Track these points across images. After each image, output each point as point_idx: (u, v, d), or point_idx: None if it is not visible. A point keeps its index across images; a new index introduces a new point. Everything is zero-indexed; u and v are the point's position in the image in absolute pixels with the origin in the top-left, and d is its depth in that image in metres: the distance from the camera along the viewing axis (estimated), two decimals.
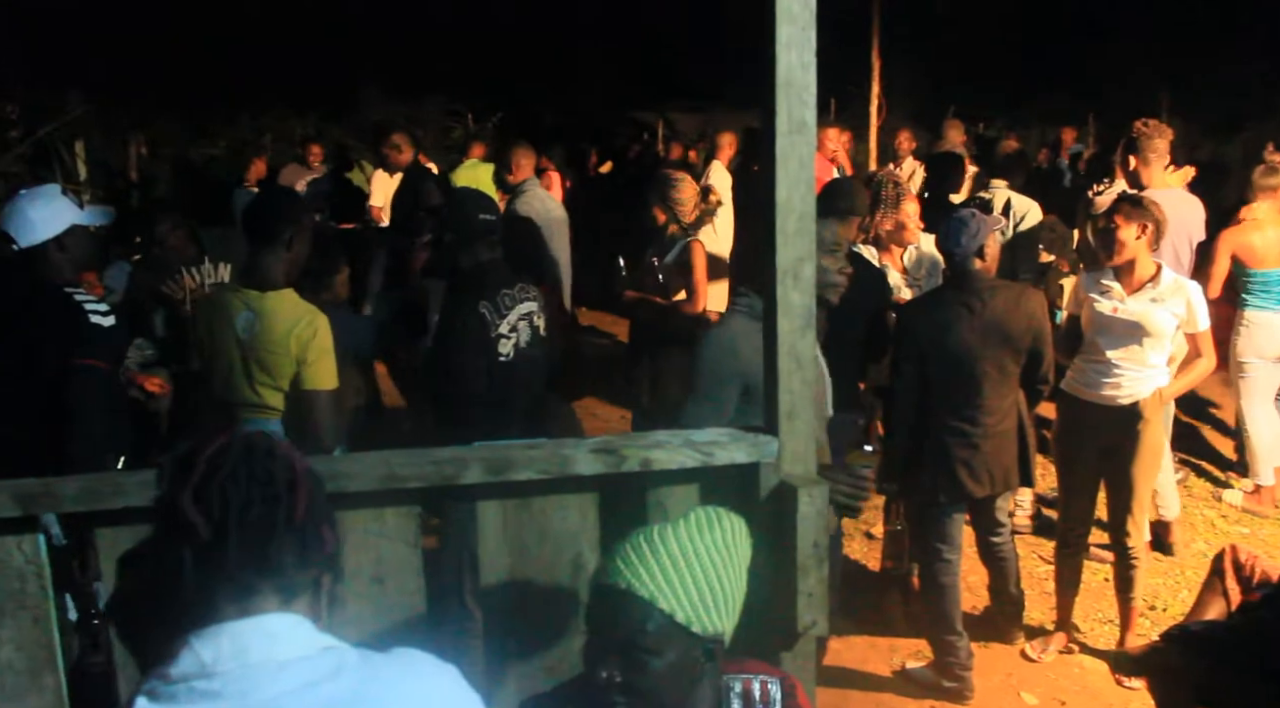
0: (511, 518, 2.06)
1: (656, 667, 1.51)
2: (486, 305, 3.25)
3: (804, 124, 1.97)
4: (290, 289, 3.24)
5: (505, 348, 3.26)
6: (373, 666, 1.19)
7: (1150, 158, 4.90)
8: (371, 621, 2.05)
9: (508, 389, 3.26)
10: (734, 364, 2.58)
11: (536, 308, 3.37)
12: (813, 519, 1.94)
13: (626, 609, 1.51)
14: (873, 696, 3.77)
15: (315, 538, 1.20)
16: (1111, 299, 3.81)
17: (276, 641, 1.15)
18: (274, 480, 1.17)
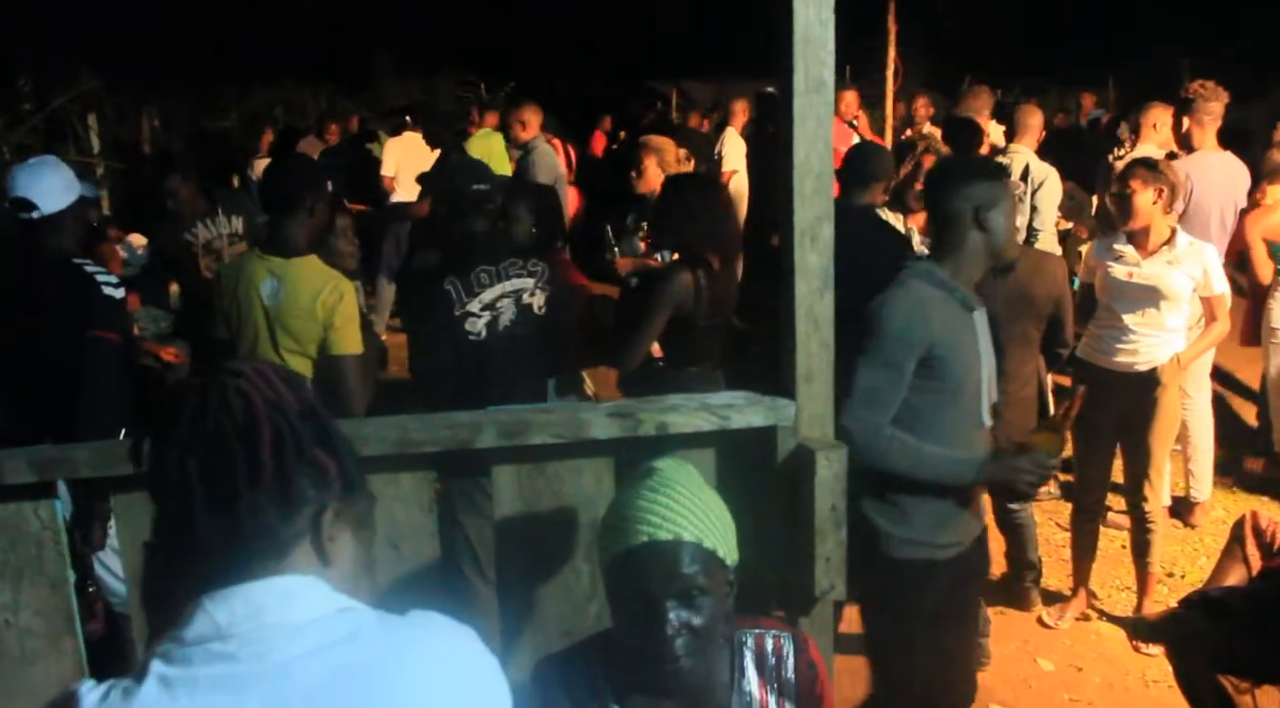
0: (526, 483, 2.05)
1: (710, 606, 1.56)
2: (453, 282, 3.08)
3: (822, 83, 1.93)
4: (314, 255, 3.25)
5: (475, 327, 3.08)
6: (390, 628, 1.17)
7: (1205, 120, 4.83)
8: (386, 585, 2.05)
9: (481, 370, 3.08)
10: (921, 330, 2.42)
11: (532, 284, 3.18)
12: (830, 483, 1.92)
13: (680, 558, 1.53)
14: None
15: (300, 478, 1.12)
16: (1126, 264, 3.77)
17: (291, 602, 1.12)
18: (224, 436, 1.09)
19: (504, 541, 2.10)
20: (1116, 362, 3.80)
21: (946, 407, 2.50)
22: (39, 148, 6.84)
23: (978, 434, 2.57)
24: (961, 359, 2.49)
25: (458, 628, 1.24)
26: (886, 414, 2.43)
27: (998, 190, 2.54)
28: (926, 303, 2.47)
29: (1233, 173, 4.82)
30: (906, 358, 2.43)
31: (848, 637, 3.83)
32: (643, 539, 1.54)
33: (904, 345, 2.43)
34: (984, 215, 2.51)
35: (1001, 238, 2.54)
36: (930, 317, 2.44)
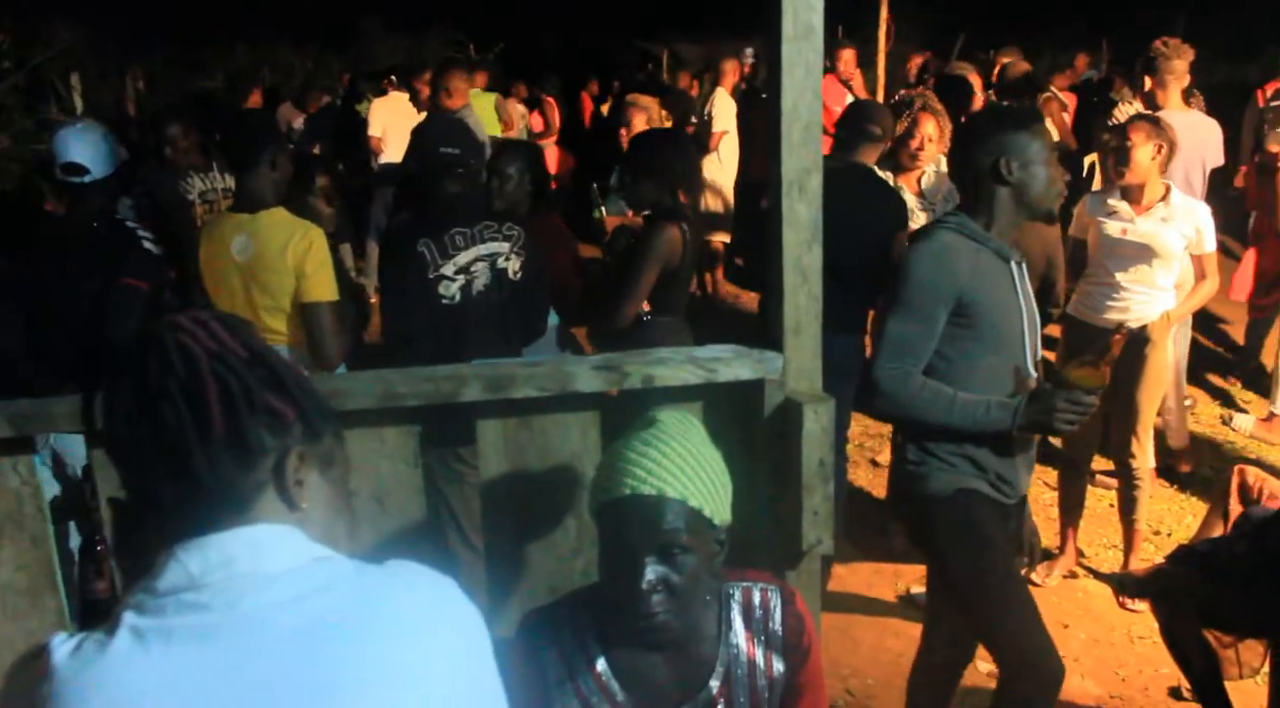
0: (512, 437, 2.03)
1: (692, 564, 1.54)
2: (427, 244, 3.02)
3: (811, 29, 1.90)
4: (281, 207, 3.24)
5: (450, 290, 3.02)
6: (367, 578, 1.14)
7: (1167, 79, 4.78)
8: (371, 542, 2.04)
9: (455, 334, 3.02)
10: (949, 278, 2.36)
11: (508, 248, 3.12)
12: (818, 436, 1.91)
13: (662, 513, 1.52)
14: (878, 620, 3.79)
15: (255, 429, 1.08)
16: (1120, 220, 3.75)
17: (264, 551, 1.10)
18: (169, 395, 1.05)
19: (490, 495, 2.08)
20: (1107, 318, 3.79)
21: (986, 354, 2.43)
22: (18, 108, 6.74)
23: (1021, 383, 2.49)
24: (998, 306, 2.43)
25: (437, 578, 1.22)
26: (918, 364, 2.38)
27: (1023, 140, 2.44)
28: (954, 250, 2.40)
29: (1200, 133, 4.76)
30: (936, 306, 2.37)
31: (838, 595, 3.88)
32: (626, 492, 1.53)
33: (932, 293, 2.37)
34: (1009, 167, 2.44)
35: (1032, 190, 2.46)
36: (958, 264, 2.39)
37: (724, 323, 6.77)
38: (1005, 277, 2.47)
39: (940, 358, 2.42)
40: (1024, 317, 2.50)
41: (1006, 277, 2.47)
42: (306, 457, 1.14)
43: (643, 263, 3.23)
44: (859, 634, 3.69)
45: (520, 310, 3.12)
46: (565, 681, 1.65)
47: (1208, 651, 2.83)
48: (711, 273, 7.36)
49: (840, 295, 3.63)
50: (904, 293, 2.41)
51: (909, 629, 3.72)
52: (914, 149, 4.24)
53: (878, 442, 5.10)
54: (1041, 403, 2.34)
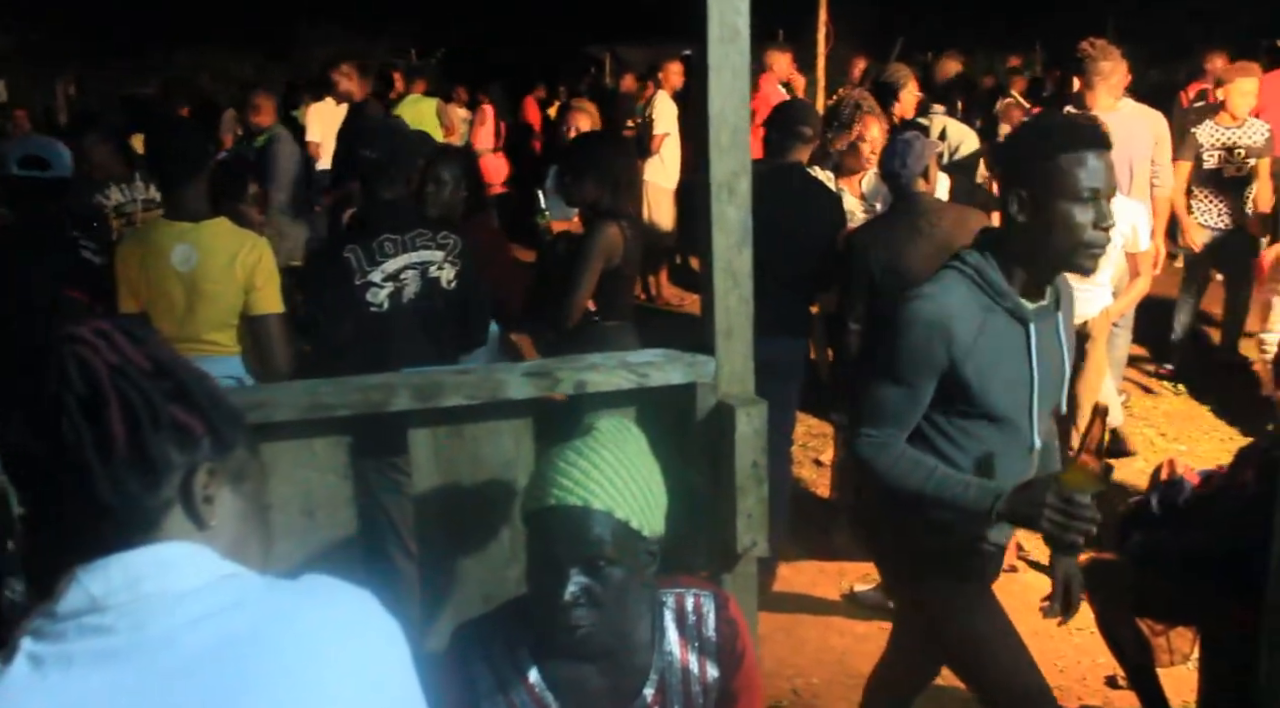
0: (444, 446, 2.01)
1: (618, 577, 1.52)
2: (354, 250, 2.96)
3: (737, 32, 1.90)
4: (224, 217, 3.19)
5: (378, 297, 2.96)
6: (279, 594, 1.11)
7: (1094, 80, 4.85)
8: (301, 556, 2.00)
9: (384, 342, 2.97)
10: (942, 350, 2.08)
11: (441, 257, 3.05)
12: (750, 439, 1.91)
13: (587, 524, 1.50)
14: (822, 619, 3.81)
15: (160, 444, 1.04)
16: None
17: (171, 570, 1.06)
18: (67, 412, 1.00)
19: (422, 506, 2.05)
20: None
21: (983, 427, 2.18)
22: None
23: (1021, 459, 2.22)
24: (997, 382, 2.12)
25: (353, 591, 1.19)
26: (899, 432, 2.16)
27: (1055, 168, 1.99)
28: (955, 316, 2.07)
29: (1131, 129, 4.85)
30: (921, 377, 2.12)
31: (782, 594, 3.90)
32: (552, 502, 1.51)
33: (921, 362, 2.10)
34: (1022, 202, 2.05)
35: (1051, 238, 2.03)
36: (956, 334, 2.07)
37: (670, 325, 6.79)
38: (1015, 343, 2.14)
39: (934, 429, 2.20)
40: (1035, 386, 2.18)
41: (1018, 343, 2.14)
42: (216, 472, 1.10)
43: (585, 261, 3.23)
44: (804, 633, 3.71)
45: (454, 320, 3.08)
46: (496, 693, 1.64)
47: (1140, 639, 2.89)
48: (655, 276, 7.37)
49: (783, 297, 3.68)
50: (891, 355, 2.16)
51: (853, 627, 3.75)
52: (866, 154, 4.28)
53: (821, 441, 5.13)
54: (1030, 496, 1.99)
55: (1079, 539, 1.97)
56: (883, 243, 3.58)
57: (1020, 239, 2.09)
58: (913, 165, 3.53)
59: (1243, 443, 3.93)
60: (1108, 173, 2.02)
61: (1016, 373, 2.15)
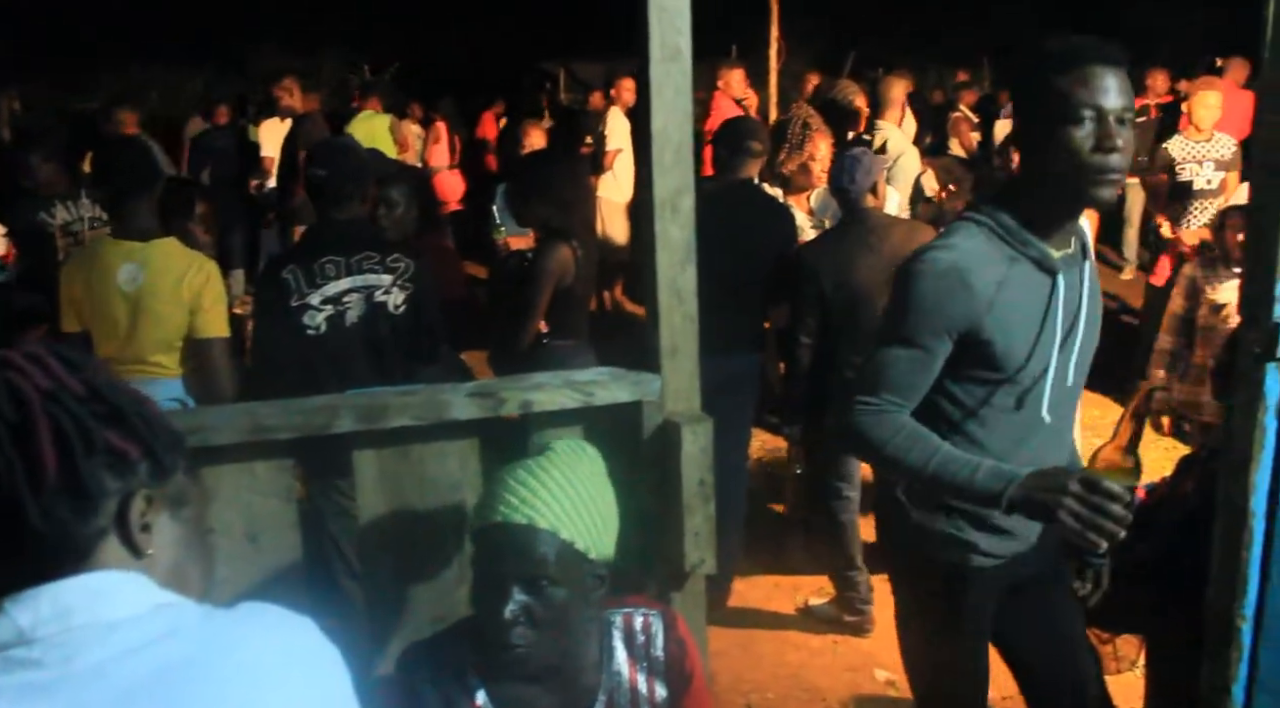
0: (389, 468, 1.99)
1: (560, 598, 1.51)
2: (293, 270, 2.92)
3: (678, 51, 1.91)
4: (173, 237, 3.16)
5: (314, 320, 2.91)
6: (215, 624, 1.09)
7: None
8: (245, 581, 1.97)
9: (323, 364, 2.92)
10: (961, 305, 1.83)
11: (389, 281, 2.99)
12: (696, 457, 1.91)
13: (530, 543, 1.49)
14: (778, 633, 3.82)
15: (95, 471, 1.02)
16: None
17: (104, 600, 1.04)
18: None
19: (368, 527, 2.03)
20: None
21: (1001, 396, 1.90)
22: None
23: (1038, 430, 1.94)
24: (1022, 340, 1.87)
25: (291, 619, 1.17)
26: (903, 402, 1.88)
27: (1061, 85, 1.77)
28: (972, 267, 1.84)
29: None
30: (937, 336, 1.85)
31: (738, 610, 3.90)
32: (497, 518, 1.51)
33: (934, 320, 1.84)
34: (1028, 125, 1.86)
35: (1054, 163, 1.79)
36: (974, 287, 1.83)
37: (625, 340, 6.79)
38: (1040, 295, 1.89)
39: (953, 404, 1.93)
40: (1054, 346, 1.90)
41: (1042, 295, 1.89)
42: (154, 498, 1.08)
43: (536, 283, 3.23)
44: (759, 649, 3.71)
45: (402, 345, 3.04)
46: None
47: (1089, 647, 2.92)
48: (611, 291, 7.38)
49: (736, 314, 3.70)
50: (898, 314, 1.90)
51: (808, 641, 3.76)
52: (817, 172, 4.31)
53: (776, 456, 5.15)
54: (1050, 481, 1.70)
55: (1102, 542, 1.65)
56: (832, 258, 3.62)
57: (1028, 181, 1.89)
58: (861, 181, 3.57)
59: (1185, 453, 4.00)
60: (1115, 91, 1.76)
61: (1040, 335, 1.89)
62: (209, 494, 1.92)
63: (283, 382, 2.78)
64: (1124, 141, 1.78)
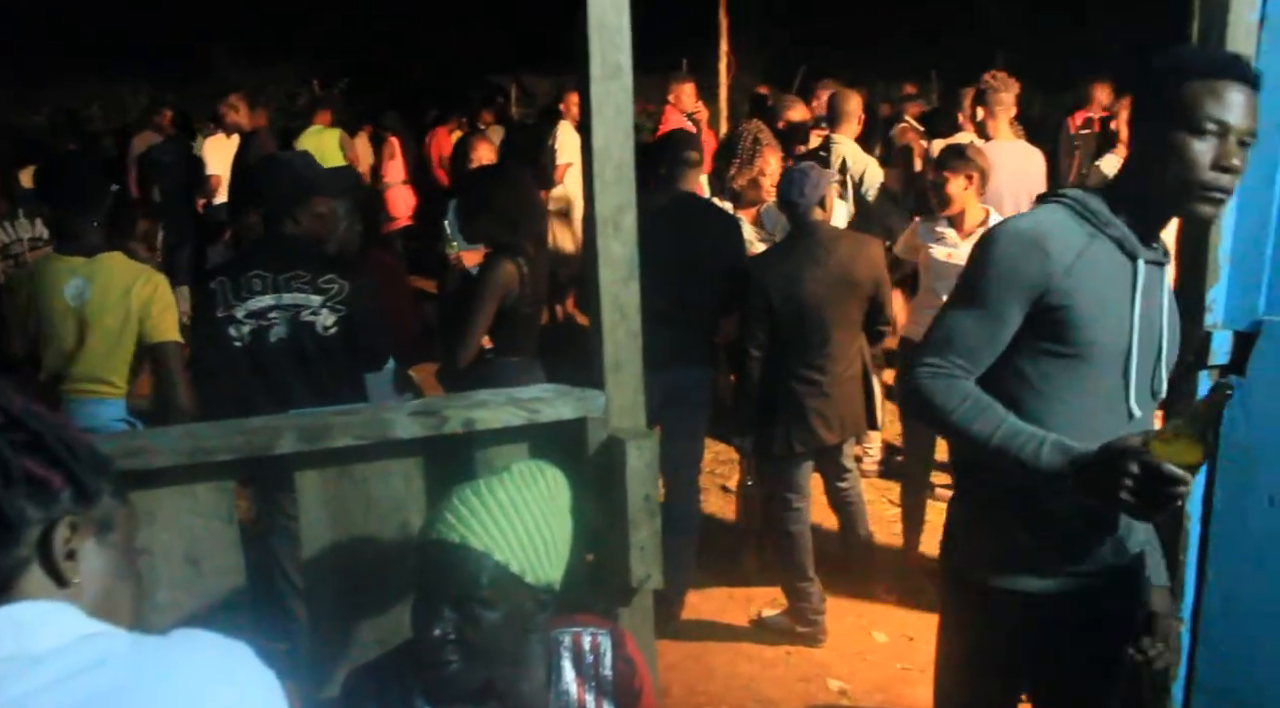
0: (332, 488, 1.97)
1: (491, 620, 1.49)
2: (221, 282, 2.92)
3: (619, 69, 1.92)
4: (119, 251, 3.14)
5: (240, 332, 2.91)
6: (144, 652, 1.07)
7: (996, 111, 5.05)
8: (188, 605, 1.94)
9: (251, 377, 2.92)
10: (1036, 267, 1.79)
11: (319, 302, 2.94)
12: (642, 472, 1.91)
13: (462, 563, 1.48)
14: (731, 646, 3.83)
15: (14, 501, 1.00)
16: (946, 245, 3.92)
17: (27, 631, 1.02)
18: None
19: (312, 549, 2.01)
20: None
21: (1076, 379, 1.84)
22: None
23: (1119, 425, 1.84)
24: (1100, 314, 1.82)
25: (226, 645, 1.16)
26: (969, 367, 1.83)
27: (1186, 95, 1.73)
28: (1052, 234, 1.82)
29: (1026, 162, 5.06)
30: (1008, 300, 1.82)
31: (691, 622, 3.91)
32: (434, 536, 1.50)
33: (1006, 283, 1.81)
34: (1154, 131, 1.78)
35: (1162, 173, 1.77)
36: (1052, 251, 1.80)
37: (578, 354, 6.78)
38: (1122, 277, 1.85)
39: (1023, 384, 1.86)
40: (1136, 334, 1.86)
41: (1125, 277, 1.85)
42: (79, 525, 1.06)
43: (478, 300, 3.22)
44: (713, 661, 3.72)
45: (334, 366, 2.99)
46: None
47: None
48: (562, 304, 7.37)
49: (687, 328, 3.72)
50: (971, 276, 1.88)
51: (762, 653, 3.77)
52: (767, 187, 4.33)
53: (728, 467, 5.17)
54: (1109, 463, 1.64)
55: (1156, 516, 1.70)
56: (781, 271, 3.64)
57: (1132, 179, 1.86)
58: (810, 195, 3.61)
59: None
60: (1244, 111, 1.73)
61: (1119, 313, 1.84)
62: (148, 518, 1.89)
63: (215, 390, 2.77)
64: (1240, 162, 1.76)
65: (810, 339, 3.64)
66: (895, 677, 3.60)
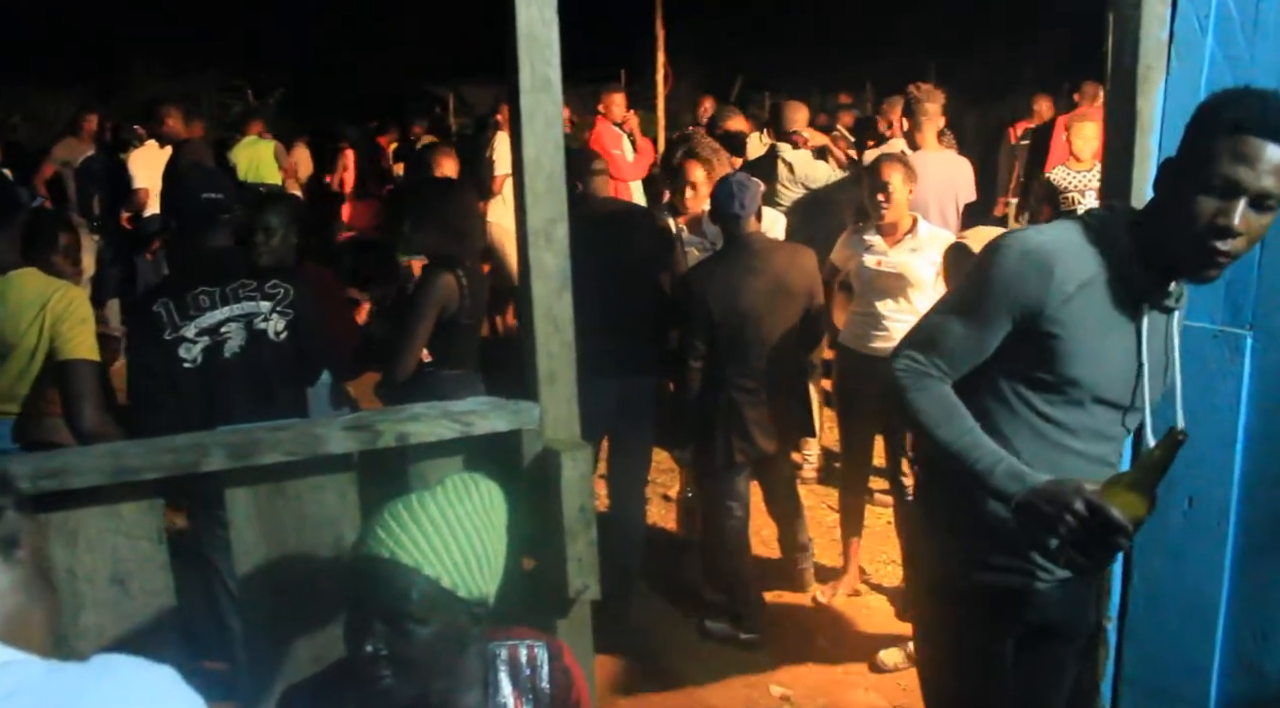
0: (265, 504, 1.95)
1: (424, 635, 1.48)
2: (165, 304, 2.85)
3: (548, 81, 1.93)
4: (33, 267, 3.04)
5: (191, 353, 2.84)
6: (60, 681, 1.04)
7: (922, 121, 5.13)
8: (115, 628, 1.90)
9: (200, 399, 2.85)
10: (1033, 286, 1.74)
11: (268, 308, 2.94)
12: (577, 483, 1.92)
13: (391, 578, 1.46)
14: (674, 653, 3.83)
15: None
16: (875, 253, 3.96)
17: None
18: None
19: (245, 566, 1.98)
20: (874, 348, 3.96)
21: (1050, 407, 1.83)
22: None
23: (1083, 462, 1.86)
24: (1085, 352, 1.78)
25: (148, 669, 1.13)
26: (946, 370, 1.84)
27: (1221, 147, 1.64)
28: (1062, 257, 1.76)
29: (953, 170, 5.16)
30: (1000, 313, 1.79)
31: (637, 631, 3.91)
32: (364, 552, 1.49)
33: (1001, 296, 1.78)
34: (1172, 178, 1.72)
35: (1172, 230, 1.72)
36: (1055, 276, 1.75)
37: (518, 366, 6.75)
38: (1125, 322, 1.81)
39: (998, 399, 1.86)
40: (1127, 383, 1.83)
41: (1127, 322, 1.81)
42: None
43: (417, 312, 3.19)
44: (656, 669, 3.72)
45: (285, 372, 2.97)
46: None
47: None
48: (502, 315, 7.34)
49: (627, 337, 3.72)
50: (971, 281, 1.85)
51: (705, 661, 3.78)
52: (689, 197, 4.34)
53: (669, 477, 5.18)
54: (1057, 495, 1.66)
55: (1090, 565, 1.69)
56: (720, 282, 3.67)
57: (1148, 224, 1.78)
58: (749, 206, 3.65)
59: None
60: (1263, 169, 1.62)
61: (1109, 356, 1.80)
62: (70, 538, 1.85)
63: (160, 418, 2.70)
64: (1246, 225, 1.65)
65: (749, 349, 3.67)
66: (837, 680, 3.63)
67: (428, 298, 3.19)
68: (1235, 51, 2.07)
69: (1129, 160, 2.16)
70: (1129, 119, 2.14)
